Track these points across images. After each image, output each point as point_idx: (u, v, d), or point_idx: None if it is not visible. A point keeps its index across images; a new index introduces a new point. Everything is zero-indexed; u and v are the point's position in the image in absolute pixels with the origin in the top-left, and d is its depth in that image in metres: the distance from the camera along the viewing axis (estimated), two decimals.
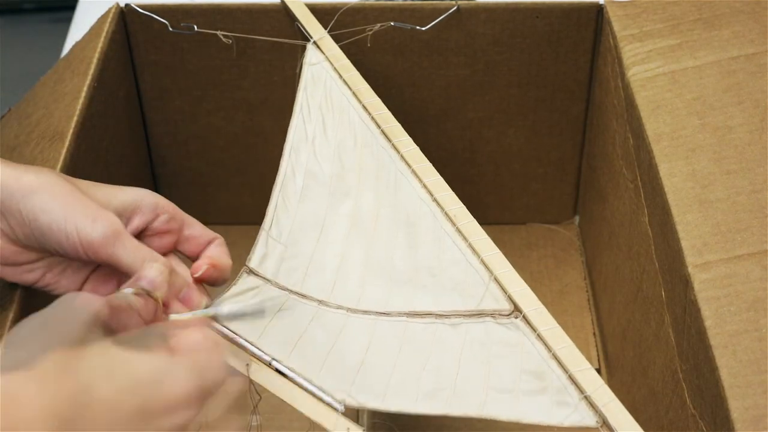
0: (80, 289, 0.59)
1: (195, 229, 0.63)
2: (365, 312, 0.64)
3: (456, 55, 0.83)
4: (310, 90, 0.74)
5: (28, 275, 0.57)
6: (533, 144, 0.89)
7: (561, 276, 0.91)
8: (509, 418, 0.56)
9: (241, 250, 0.94)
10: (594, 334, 0.86)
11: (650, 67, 0.69)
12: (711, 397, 0.52)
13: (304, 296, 0.65)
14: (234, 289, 0.65)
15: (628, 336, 0.74)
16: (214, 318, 0.60)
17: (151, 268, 0.56)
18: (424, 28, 0.80)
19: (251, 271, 0.66)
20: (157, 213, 0.60)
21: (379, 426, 0.78)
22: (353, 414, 0.80)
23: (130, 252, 0.56)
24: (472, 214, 0.65)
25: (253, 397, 0.59)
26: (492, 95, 0.85)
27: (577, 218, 0.95)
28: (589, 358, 0.59)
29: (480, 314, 0.61)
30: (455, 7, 0.79)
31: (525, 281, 0.61)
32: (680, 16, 0.73)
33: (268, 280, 0.66)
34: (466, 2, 0.80)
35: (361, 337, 0.62)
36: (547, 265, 0.92)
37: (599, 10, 0.79)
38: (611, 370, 0.81)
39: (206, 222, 0.99)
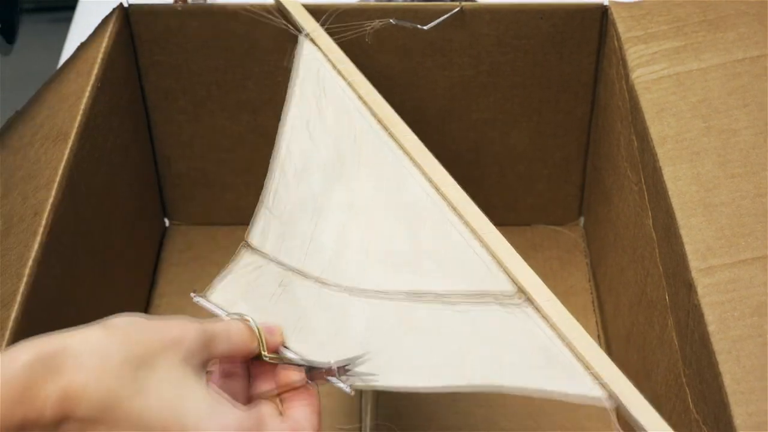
0: None
1: None
2: (365, 292, 0.64)
3: (460, 56, 0.82)
4: (303, 76, 0.74)
5: None
6: (538, 145, 0.89)
7: (566, 277, 0.91)
8: (514, 386, 0.56)
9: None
10: (598, 336, 0.85)
11: (655, 69, 0.69)
12: (714, 403, 0.52)
13: (305, 275, 0.64)
14: (235, 268, 0.64)
15: (631, 339, 0.74)
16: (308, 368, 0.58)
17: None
18: (425, 27, 0.80)
19: (251, 247, 0.66)
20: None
21: (382, 427, 0.78)
22: (356, 414, 0.80)
23: None
24: None
25: None
26: (496, 96, 0.85)
27: (581, 220, 0.95)
28: None
29: (482, 295, 0.61)
30: (458, 8, 0.79)
31: None
32: (685, 18, 0.72)
33: (268, 257, 0.65)
34: (470, 3, 0.80)
35: (362, 317, 0.62)
36: (552, 266, 0.91)
37: (604, 11, 0.79)
38: None
39: (211, 222, 1.00)
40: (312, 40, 0.76)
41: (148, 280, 0.91)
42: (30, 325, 0.59)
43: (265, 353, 0.57)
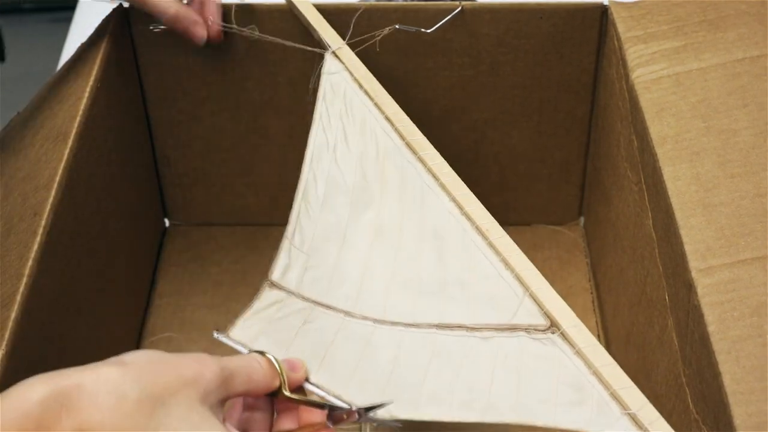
0: None
1: None
2: (393, 323, 0.63)
3: (460, 56, 0.82)
4: (329, 98, 0.73)
5: None
6: (538, 145, 0.89)
7: (566, 277, 0.91)
8: (546, 424, 0.55)
9: (245, 251, 0.95)
10: (598, 336, 0.85)
11: (655, 69, 0.69)
12: (714, 403, 0.52)
13: (329, 307, 0.64)
14: (257, 305, 0.64)
15: (631, 339, 0.74)
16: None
17: None
18: (429, 30, 0.80)
19: (273, 284, 0.66)
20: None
21: (382, 428, 0.78)
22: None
23: None
24: None
25: None
26: (496, 96, 0.85)
27: (581, 220, 0.95)
28: None
29: (513, 328, 0.59)
30: (459, 8, 0.79)
31: None
32: (685, 18, 0.72)
33: (291, 292, 0.65)
34: (470, 3, 0.80)
35: (388, 348, 0.61)
36: (552, 266, 0.91)
37: (603, 11, 0.79)
38: None
39: (211, 223, 1.00)
40: (337, 57, 0.76)
41: (148, 280, 0.91)
42: (30, 325, 0.59)
43: (287, 391, 0.55)
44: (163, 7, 0.75)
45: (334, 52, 0.76)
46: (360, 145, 0.71)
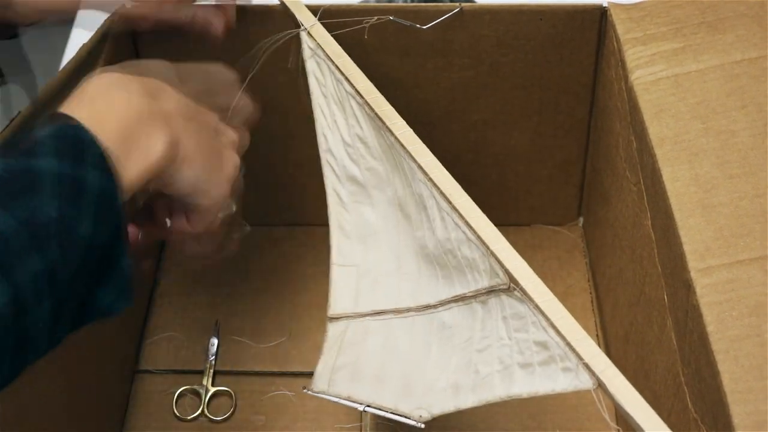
0: None
1: None
2: (407, 311, 0.66)
3: (460, 57, 0.83)
4: (320, 80, 0.74)
5: None
6: (537, 146, 0.89)
7: (565, 278, 0.91)
8: (529, 394, 0.57)
9: (245, 251, 0.95)
10: (597, 336, 0.86)
11: (654, 70, 0.69)
12: (712, 402, 0.52)
13: (382, 312, 0.66)
14: (327, 346, 0.67)
15: (630, 339, 0.74)
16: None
17: None
18: (424, 27, 0.80)
19: (333, 319, 0.67)
20: None
21: (382, 427, 0.78)
22: (356, 414, 0.80)
23: None
24: None
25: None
26: (496, 97, 0.85)
27: (581, 220, 0.95)
28: None
29: (492, 290, 0.61)
30: (458, 8, 0.79)
31: None
32: (684, 20, 0.73)
33: (349, 316, 0.67)
34: (470, 4, 0.80)
35: (403, 342, 0.64)
36: (551, 266, 0.92)
37: (603, 12, 0.79)
38: None
39: None
40: (311, 35, 0.76)
41: (148, 280, 0.91)
42: None
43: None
44: (181, 19, 0.77)
45: (307, 31, 0.76)
46: (353, 128, 0.72)
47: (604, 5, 0.79)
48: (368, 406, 0.62)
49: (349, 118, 0.72)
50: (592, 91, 0.85)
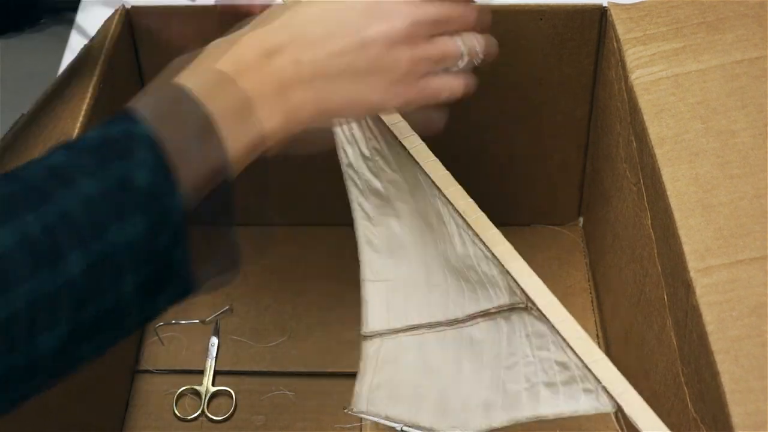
0: None
1: None
2: (437, 325, 0.66)
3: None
4: None
5: None
6: (537, 146, 0.89)
7: (565, 278, 0.91)
8: (555, 415, 0.57)
9: (247, 251, 0.95)
10: (597, 336, 0.86)
11: (654, 70, 0.69)
12: (712, 402, 0.53)
13: (415, 327, 0.66)
14: (363, 365, 0.67)
15: (630, 338, 0.74)
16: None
17: None
18: None
19: (366, 337, 0.67)
20: None
21: (382, 426, 0.78)
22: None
23: None
24: None
25: None
26: (496, 97, 0.85)
27: (581, 220, 0.95)
28: None
29: (513, 307, 0.60)
30: None
31: None
32: (684, 20, 0.73)
33: (383, 333, 0.67)
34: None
35: (436, 358, 0.64)
36: (551, 266, 0.92)
37: (603, 12, 0.79)
38: None
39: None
40: None
41: None
42: None
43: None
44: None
45: None
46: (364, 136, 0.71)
47: (604, 5, 0.79)
48: (406, 425, 0.62)
49: (365, 131, 0.71)
50: (592, 91, 0.85)
